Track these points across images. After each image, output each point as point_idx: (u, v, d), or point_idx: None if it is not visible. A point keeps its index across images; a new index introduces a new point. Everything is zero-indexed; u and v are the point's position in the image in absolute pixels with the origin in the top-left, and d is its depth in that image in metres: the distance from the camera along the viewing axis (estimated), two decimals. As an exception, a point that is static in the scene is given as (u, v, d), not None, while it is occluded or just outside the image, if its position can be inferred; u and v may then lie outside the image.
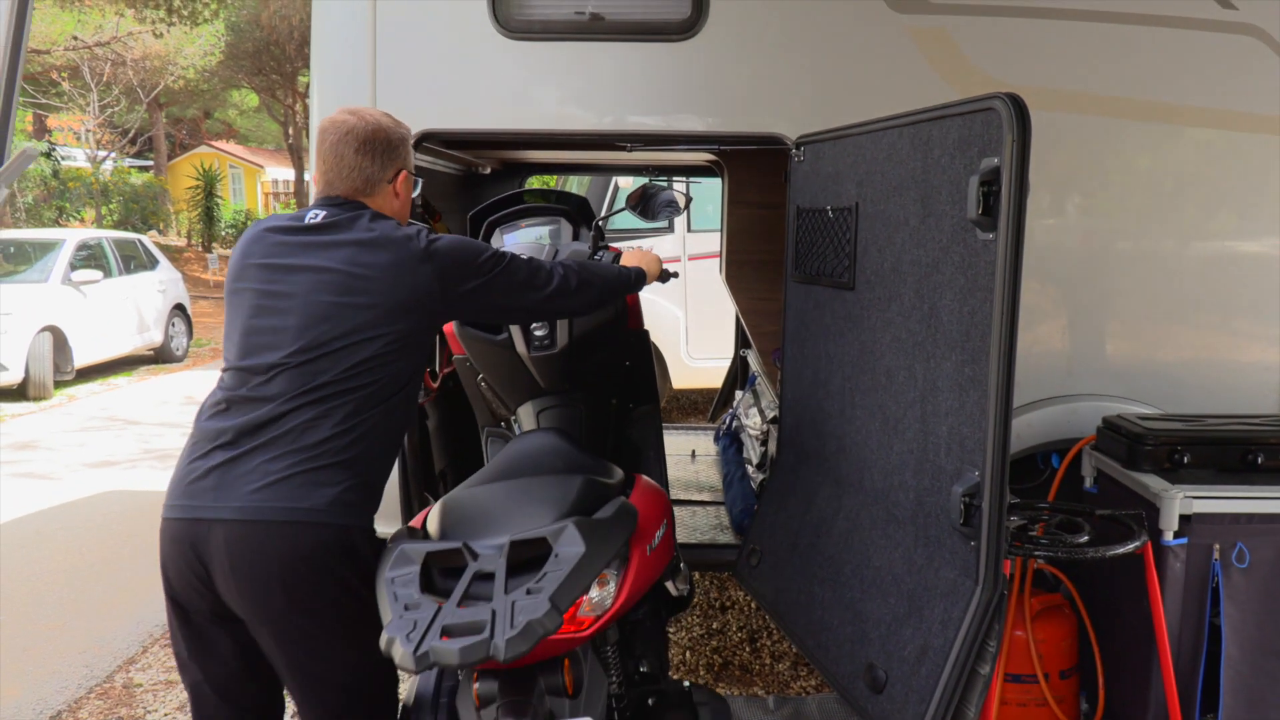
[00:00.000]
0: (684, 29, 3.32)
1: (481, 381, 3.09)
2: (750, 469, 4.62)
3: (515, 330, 2.80)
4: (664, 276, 2.88)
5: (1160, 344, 3.39)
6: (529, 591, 1.73)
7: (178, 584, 1.97)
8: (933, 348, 2.41)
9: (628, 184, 7.99)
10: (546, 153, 5.14)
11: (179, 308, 12.64)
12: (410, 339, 2.05)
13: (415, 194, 2.33)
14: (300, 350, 1.96)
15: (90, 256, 11.07)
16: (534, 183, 6.52)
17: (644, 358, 3.24)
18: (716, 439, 5.62)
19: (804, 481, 3.20)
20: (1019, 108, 2.12)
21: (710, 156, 4.71)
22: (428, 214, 3.99)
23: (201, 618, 2.00)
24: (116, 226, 22.22)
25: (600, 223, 3.15)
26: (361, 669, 1.99)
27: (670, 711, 2.31)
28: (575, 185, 9.26)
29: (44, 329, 9.73)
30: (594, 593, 1.96)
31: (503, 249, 2.33)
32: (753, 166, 4.32)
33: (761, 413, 4.64)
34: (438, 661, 1.63)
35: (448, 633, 1.66)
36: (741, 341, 6.03)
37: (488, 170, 5.40)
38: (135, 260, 12.03)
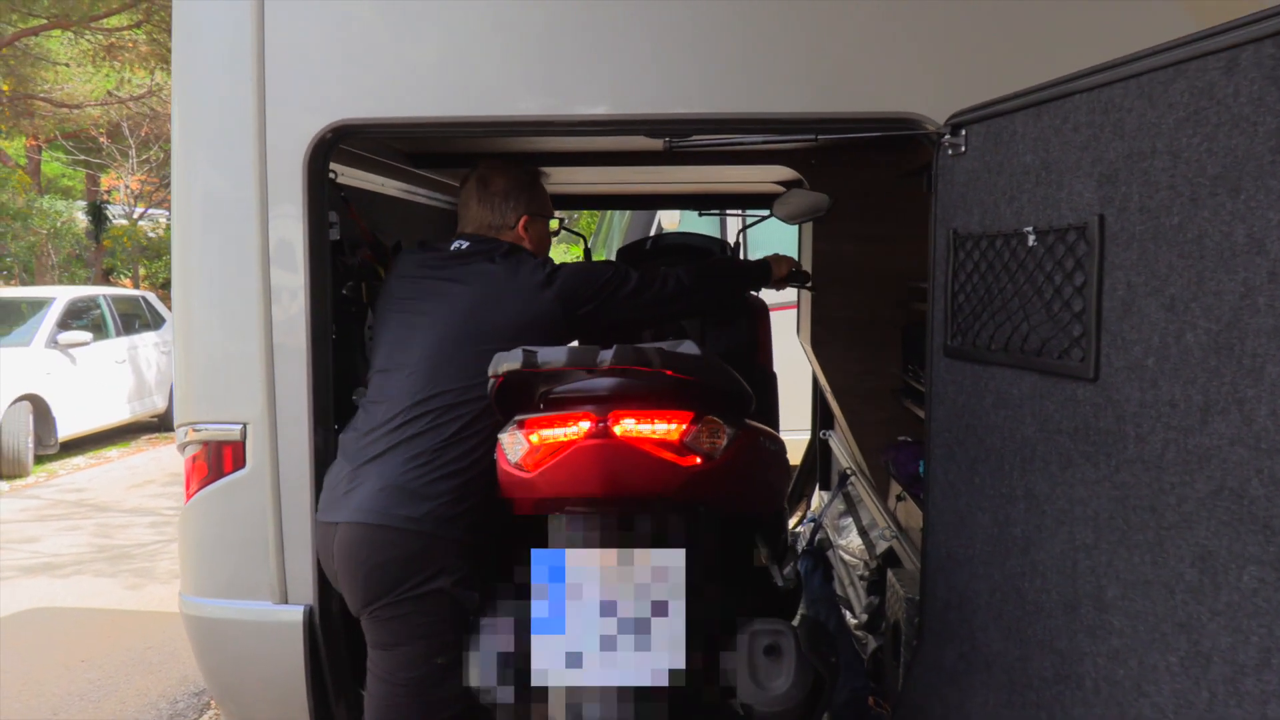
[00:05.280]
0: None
1: None
2: (849, 617, 3.22)
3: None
4: (800, 277, 2.75)
5: None
6: None
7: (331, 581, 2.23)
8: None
9: (673, 223, 6.72)
10: (559, 174, 3.85)
11: (187, 370, 11.59)
12: None
13: (556, 229, 2.59)
14: (426, 360, 2.17)
15: (87, 317, 10.09)
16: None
17: (770, 402, 3.16)
18: (793, 555, 4.23)
19: (982, 710, 1.81)
20: None
21: (785, 174, 3.40)
22: (378, 257, 2.72)
23: None
24: (165, 285, 21.67)
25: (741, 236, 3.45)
26: (422, 671, 2.08)
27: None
28: (616, 223, 8.05)
29: (21, 398, 8.68)
30: (703, 430, 1.87)
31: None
32: (848, 181, 2.99)
33: (865, 535, 3.25)
34: (546, 361, 1.80)
35: None
36: (822, 418, 4.65)
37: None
38: (138, 319, 11.02)
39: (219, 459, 2.26)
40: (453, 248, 2.36)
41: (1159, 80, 1.35)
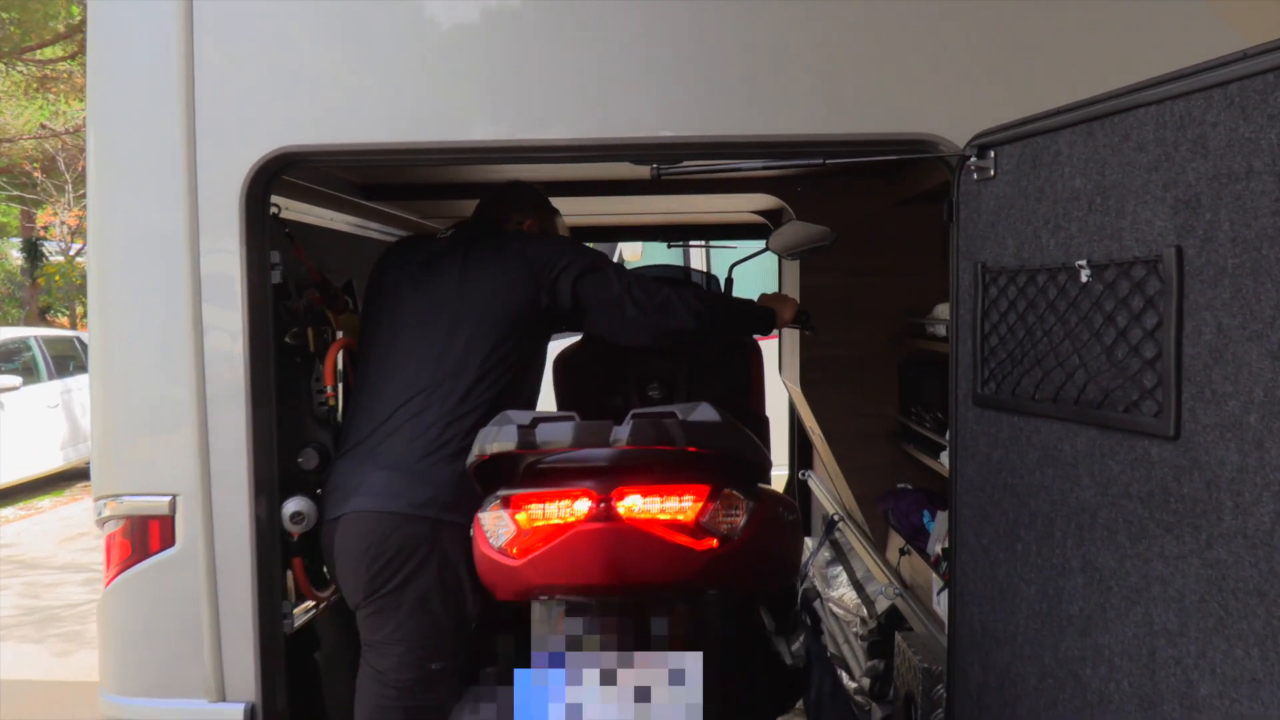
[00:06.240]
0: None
1: None
2: (846, 678, 2.98)
3: (630, 389, 2.80)
4: (802, 321, 2.56)
5: None
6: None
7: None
8: None
9: (635, 255, 6.50)
10: None
11: (125, 413, 11.09)
12: (515, 329, 2.18)
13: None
14: (417, 347, 2.17)
15: (17, 359, 9.59)
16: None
17: None
18: (777, 606, 3.99)
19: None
20: None
21: (768, 203, 3.20)
22: (326, 300, 2.45)
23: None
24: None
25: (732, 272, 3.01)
26: (416, 674, 2.05)
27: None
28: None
29: (-57, 448, 8.19)
30: (720, 507, 1.66)
31: None
32: (837, 210, 2.79)
33: (860, 589, 3.03)
34: (547, 439, 1.61)
35: None
36: (801, 457, 4.44)
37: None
38: (73, 361, 10.55)
39: (144, 536, 1.96)
40: (439, 236, 2.39)
41: (1254, 89, 1.15)
